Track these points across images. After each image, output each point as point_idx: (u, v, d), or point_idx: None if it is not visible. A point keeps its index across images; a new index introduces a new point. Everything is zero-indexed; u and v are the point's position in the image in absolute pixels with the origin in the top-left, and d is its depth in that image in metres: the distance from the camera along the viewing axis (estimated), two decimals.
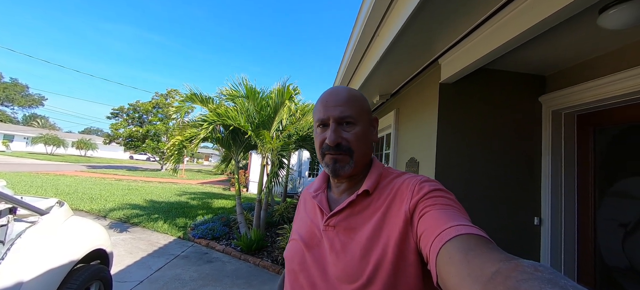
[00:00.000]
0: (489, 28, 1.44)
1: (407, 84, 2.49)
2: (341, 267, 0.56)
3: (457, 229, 0.43)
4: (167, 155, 5.14)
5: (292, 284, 0.64)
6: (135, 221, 5.75)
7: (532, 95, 1.98)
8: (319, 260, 0.61)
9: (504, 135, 1.94)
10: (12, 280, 1.50)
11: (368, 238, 0.56)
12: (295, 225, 0.73)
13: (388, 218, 0.57)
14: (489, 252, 0.37)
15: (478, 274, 0.34)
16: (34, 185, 9.23)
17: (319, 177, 0.76)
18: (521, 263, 0.32)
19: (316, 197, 0.69)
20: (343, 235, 0.60)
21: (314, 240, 0.64)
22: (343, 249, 0.58)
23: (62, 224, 1.99)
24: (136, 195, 9.03)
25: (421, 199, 0.54)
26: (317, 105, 0.67)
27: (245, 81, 4.66)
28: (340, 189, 0.69)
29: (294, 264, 0.64)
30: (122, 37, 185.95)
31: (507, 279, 0.30)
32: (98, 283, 2.12)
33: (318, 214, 0.67)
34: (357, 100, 0.66)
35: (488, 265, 0.34)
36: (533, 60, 1.81)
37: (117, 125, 23.23)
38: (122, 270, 3.50)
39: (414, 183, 0.58)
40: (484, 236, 0.42)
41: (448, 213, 0.48)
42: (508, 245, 1.87)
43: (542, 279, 0.28)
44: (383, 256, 0.53)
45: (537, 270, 0.30)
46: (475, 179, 1.89)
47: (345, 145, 0.63)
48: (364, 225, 0.58)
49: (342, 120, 0.63)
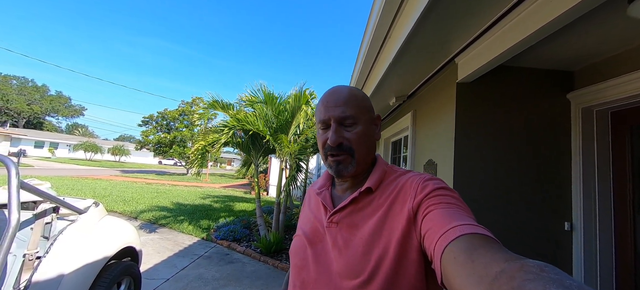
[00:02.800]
0: (508, 22, 1.38)
1: (424, 85, 2.45)
2: (343, 263, 0.57)
3: (461, 228, 0.42)
4: (192, 160, 5.40)
5: (295, 279, 0.65)
6: (163, 222, 6.07)
7: (558, 92, 1.87)
8: (322, 256, 0.62)
9: (527, 136, 1.85)
10: (55, 273, 1.65)
11: (370, 235, 0.57)
12: (300, 222, 0.75)
13: (391, 215, 0.57)
14: (494, 252, 0.36)
15: (482, 273, 0.34)
16: (75, 188, 10.05)
17: (324, 174, 0.77)
18: (527, 263, 0.31)
19: (320, 194, 0.70)
20: (346, 232, 0.60)
21: (318, 236, 0.65)
22: (345, 245, 0.59)
23: (98, 223, 2.16)
24: (164, 198, 9.53)
25: (425, 198, 0.53)
26: (318, 106, 0.68)
27: (263, 87, 4.80)
28: (343, 187, 0.69)
29: (298, 260, 0.66)
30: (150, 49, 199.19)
31: (511, 279, 0.30)
32: (129, 279, 2.27)
33: (322, 210, 0.68)
34: (357, 100, 0.65)
35: (493, 265, 0.34)
36: (559, 54, 1.72)
37: (147, 132, 24.72)
38: (151, 268, 3.71)
39: (418, 181, 0.57)
40: (489, 236, 0.41)
41: (452, 212, 0.48)
42: (535, 251, 1.76)
43: (548, 279, 0.28)
44: (384, 253, 0.53)
45: (542, 271, 0.30)
46: (496, 182, 1.81)
47: (347, 145, 0.63)
48: (367, 222, 0.59)
49: (343, 120, 0.63)
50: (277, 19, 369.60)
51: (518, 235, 1.77)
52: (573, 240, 1.76)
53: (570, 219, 1.77)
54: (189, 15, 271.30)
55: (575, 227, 1.75)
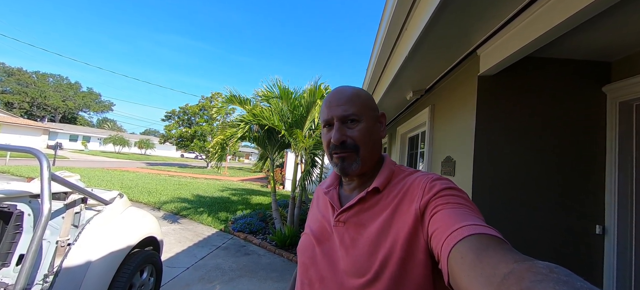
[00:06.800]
0: (538, 9, 1.27)
1: (443, 79, 2.35)
2: (350, 261, 0.57)
3: (469, 228, 0.42)
4: (211, 153, 5.57)
5: (302, 276, 0.66)
6: (184, 214, 6.34)
7: (593, 85, 1.72)
8: (329, 255, 0.62)
9: (555, 132, 1.72)
10: (83, 259, 1.77)
11: (377, 234, 0.56)
12: (308, 221, 0.76)
13: (397, 215, 0.56)
14: (503, 253, 0.36)
15: (490, 274, 0.33)
16: (105, 179, 10.71)
17: (332, 174, 0.78)
18: (536, 264, 0.31)
19: (328, 193, 0.70)
20: (353, 231, 0.60)
21: (325, 234, 0.66)
22: (352, 244, 0.59)
23: (122, 213, 2.28)
24: (185, 190, 9.93)
25: (433, 198, 0.53)
26: (322, 108, 0.69)
27: (279, 82, 4.82)
28: (351, 186, 0.69)
29: (305, 258, 0.66)
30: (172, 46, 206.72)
31: (520, 280, 0.29)
32: (150, 266, 2.39)
33: (329, 209, 0.68)
34: (360, 98, 0.66)
35: (501, 265, 0.33)
36: (595, 44, 1.57)
37: (169, 126, 25.82)
38: (172, 257, 3.89)
39: (425, 181, 0.57)
40: (497, 236, 0.40)
41: (460, 212, 0.47)
42: (561, 256, 1.66)
43: (557, 281, 0.27)
44: (391, 252, 0.53)
45: (552, 272, 0.29)
46: (520, 181, 1.71)
47: (351, 143, 0.63)
48: (373, 222, 0.58)
49: (345, 119, 0.64)
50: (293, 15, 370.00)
51: (543, 238, 1.67)
52: (605, 244, 1.63)
53: (602, 222, 1.64)
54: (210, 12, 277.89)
55: (607, 231, 1.62)
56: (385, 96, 2.90)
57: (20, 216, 1.88)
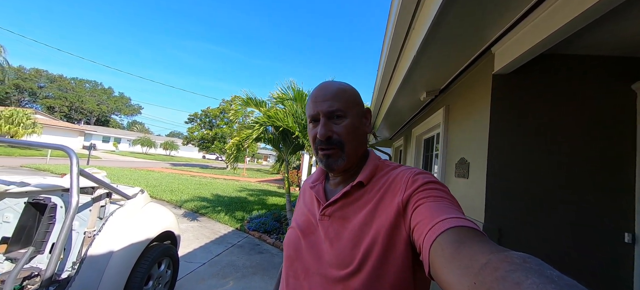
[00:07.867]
0: (554, 2, 1.22)
1: (457, 78, 2.28)
2: (334, 253, 0.58)
3: (449, 221, 0.43)
4: (228, 154, 5.74)
5: (288, 269, 0.67)
6: (203, 212, 6.57)
7: (620, 82, 1.61)
8: (314, 247, 0.63)
9: (577, 133, 1.62)
10: (107, 249, 1.90)
11: (360, 226, 0.58)
12: (294, 215, 0.77)
13: (380, 208, 0.57)
14: (480, 244, 0.37)
15: (469, 264, 0.35)
16: (132, 178, 11.36)
17: (318, 169, 0.79)
18: (510, 254, 0.33)
19: (314, 187, 0.72)
20: (337, 224, 0.62)
21: (310, 228, 0.67)
22: (336, 237, 0.60)
23: (142, 208, 2.42)
24: (205, 189, 10.30)
25: (415, 192, 0.54)
26: (308, 103, 0.69)
27: (293, 84, 4.90)
28: (336, 181, 0.71)
29: (291, 250, 0.67)
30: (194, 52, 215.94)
31: (496, 269, 0.31)
32: (168, 259, 2.51)
33: (315, 203, 0.70)
34: (345, 94, 0.66)
35: (479, 256, 0.35)
36: (623, 38, 1.47)
37: (192, 129, 26.98)
38: (190, 252, 4.05)
39: (408, 175, 0.58)
40: (476, 228, 0.43)
41: (441, 205, 0.49)
42: (585, 266, 1.55)
43: (530, 270, 0.29)
44: (373, 244, 0.54)
45: (525, 262, 0.31)
46: (538, 185, 1.62)
47: (336, 139, 0.64)
48: (357, 215, 0.60)
49: (331, 114, 0.64)
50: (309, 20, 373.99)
51: (564, 246, 1.57)
52: (635, 254, 1.50)
53: (632, 229, 1.52)
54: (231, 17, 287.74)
55: (637, 240, 1.49)
56: (397, 96, 2.86)
57: (54, 208, 2.05)
